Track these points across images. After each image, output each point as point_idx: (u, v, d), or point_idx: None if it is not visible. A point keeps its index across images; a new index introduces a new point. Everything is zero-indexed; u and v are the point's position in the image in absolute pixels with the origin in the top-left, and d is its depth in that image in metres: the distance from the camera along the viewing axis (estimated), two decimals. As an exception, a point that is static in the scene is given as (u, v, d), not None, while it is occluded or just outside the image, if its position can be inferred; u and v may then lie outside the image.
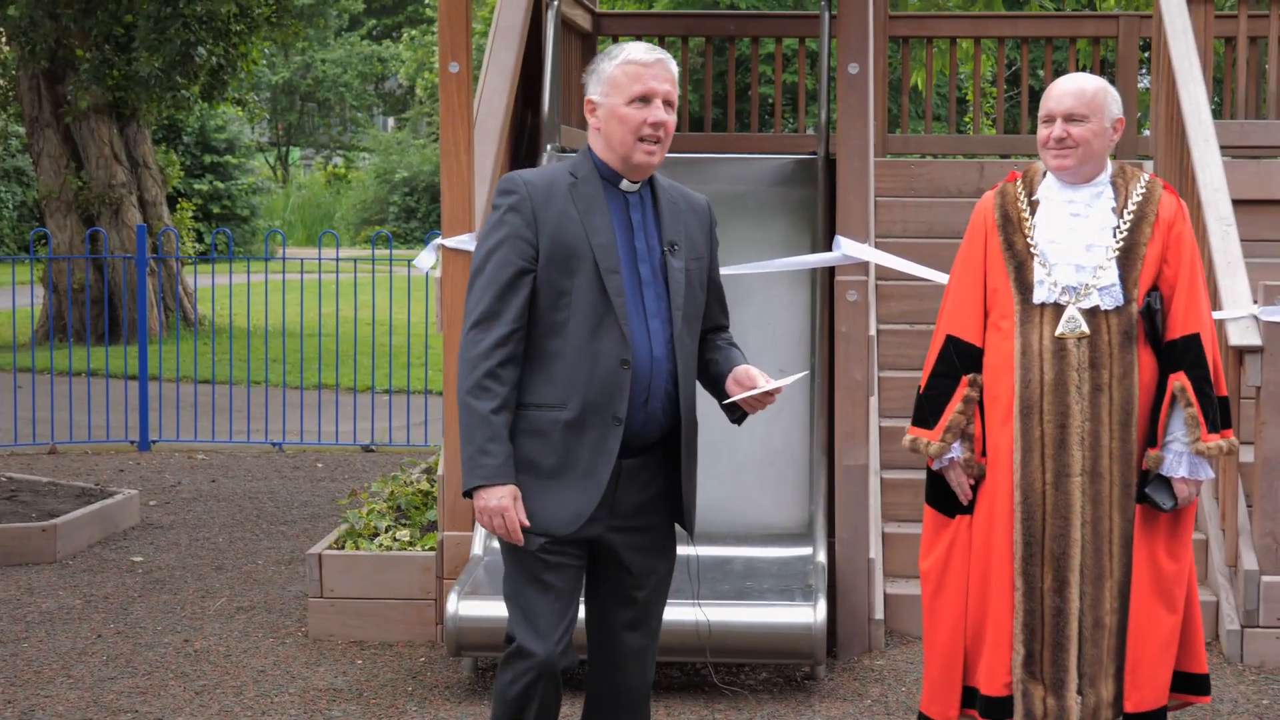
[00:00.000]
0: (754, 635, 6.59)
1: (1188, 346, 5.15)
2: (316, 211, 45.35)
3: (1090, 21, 11.77)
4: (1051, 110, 5.20)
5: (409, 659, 7.12)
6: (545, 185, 4.53)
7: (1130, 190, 5.26)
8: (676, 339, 4.55)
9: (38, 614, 7.85)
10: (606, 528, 4.56)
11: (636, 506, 4.61)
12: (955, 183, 10.06)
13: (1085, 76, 5.26)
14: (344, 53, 50.86)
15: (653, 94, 4.48)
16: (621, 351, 4.44)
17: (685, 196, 4.73)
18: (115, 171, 19.57)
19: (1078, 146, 5.18)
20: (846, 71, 7.41)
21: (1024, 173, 5.40)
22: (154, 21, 17.47)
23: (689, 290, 4.60)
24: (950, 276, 5.45)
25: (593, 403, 4.44)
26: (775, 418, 7.67)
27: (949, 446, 5.25)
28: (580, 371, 4.44)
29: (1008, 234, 5.28)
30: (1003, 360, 5.21)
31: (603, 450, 4.46)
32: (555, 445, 4.47)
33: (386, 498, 8.12)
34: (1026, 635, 5.19)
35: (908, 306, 8.99)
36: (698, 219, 4.71)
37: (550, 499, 4.48)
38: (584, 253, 4.45)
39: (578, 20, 10.38)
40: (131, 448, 12.83)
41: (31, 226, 31.42)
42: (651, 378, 4.52)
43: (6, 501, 9.56)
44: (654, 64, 4.50)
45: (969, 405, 5.26)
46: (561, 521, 4.48)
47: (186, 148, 34.74)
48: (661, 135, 4.51)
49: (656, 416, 4.55)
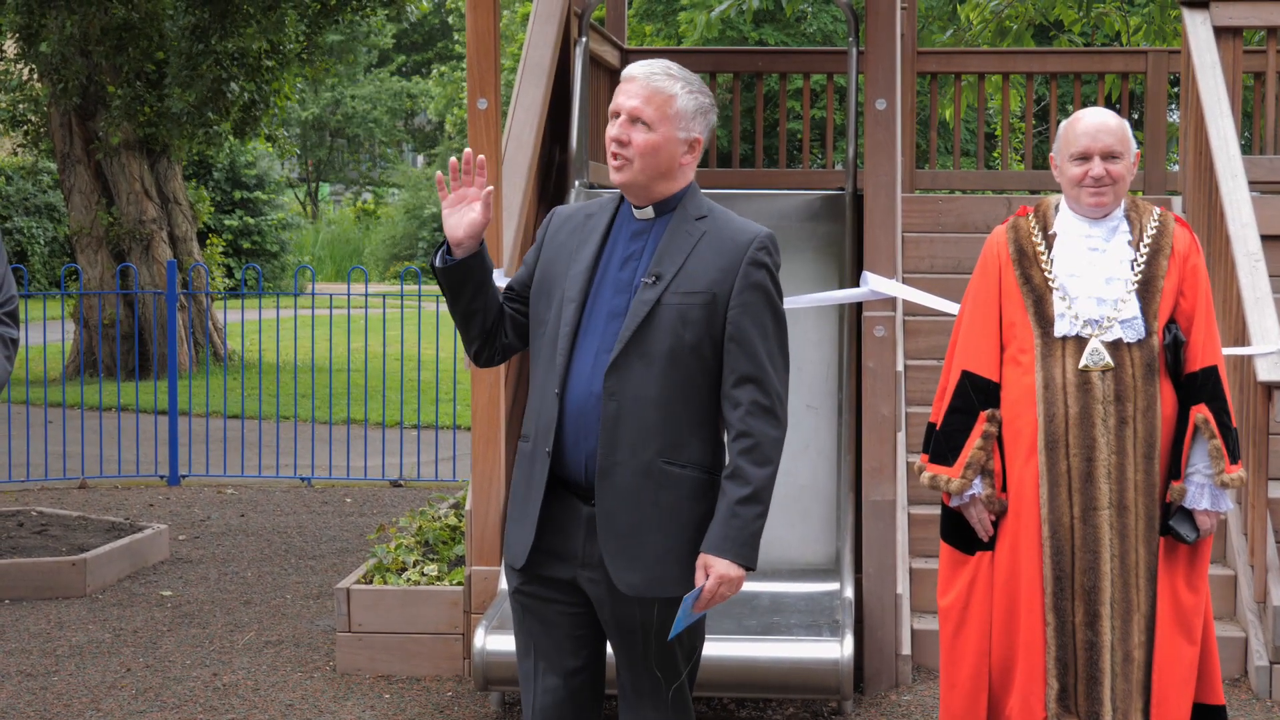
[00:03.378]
0: (781, 670, 6.58)
1: (1207, 378, 5.15)
2: (346, 247, 45.53)
3: (1119, 57, 11.77)
4: (1087, 148, 5.18)
5: (436, 693, 7.12)
6: (569, 216, 4.49)
7: (1144, 224, 5.26)
8: (615, 374, 4.21)
9: (68, 647, 7.87)
10: (583, 577, 4.30)
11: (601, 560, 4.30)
12: (983, 218, 10.06)
13: (1106, 112, 5.25)
14: (374, 89, 51.10)
15: (618, 110, 4.31)
16: (556, 381, 4.26)
17: (722, 229, 4.33)
18: (146, 207, 19.67)
19: (1115, 184, 5.19)
20: (874, 107, 7.42)
21: (1036, 207, 5.40)
22: (185, 58, 17.57)
23: (655, 324, 4.22)
24: (961, 311, 5.42)
25: (538, 434, 4.31)
26: (802, 453, 7.68)
27: (970, 483, 5.24)
28: (534, 401, 4.35)
29: (1024, 268, 5.27)
30: (1023, 394, 5.21)
31: (536, 481, 4.31)
32: (521, 475, 4.38)
33: (414, 533, 8.14)
34: (1060, 670, 5.18)
35: (935, 342, 8.99)
36: (722, 254, 4.28)
37: (514, 527, 4.39)
38: (561, 282, 4.35)
39: (606, 57, 10.42)
40: (161, 482, 12.87)
41: (63, 262, 31.58)
42: (584, 416, 4.25)
43: (37, 536, 9.60)
44: (630, 81, 4.33)
45: (988, 441, 5.25)
46: (515, 554, 4.37)
47: (217, 183, 34.93)
48: (618, 150, 4.29)
49: (580, 462, 4.27)
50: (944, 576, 5.38)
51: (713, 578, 4.17)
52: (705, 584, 4.17)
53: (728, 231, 4.32)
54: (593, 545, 4.28)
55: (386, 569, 7.63)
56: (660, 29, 24.72)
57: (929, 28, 17.73)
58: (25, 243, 32.39)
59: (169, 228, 20.08)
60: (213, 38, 17.55)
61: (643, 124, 4.27)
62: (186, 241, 20.35)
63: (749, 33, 27.95)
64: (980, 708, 5.29)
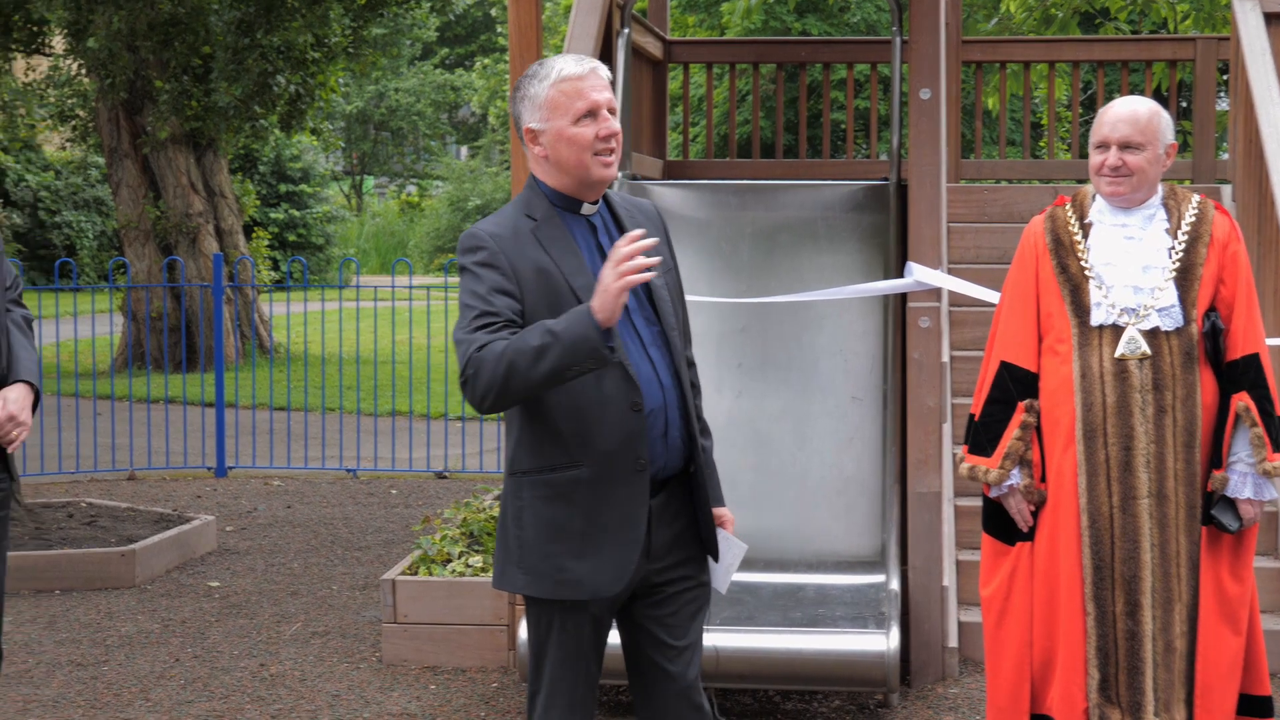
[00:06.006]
0: (827, 663, 6.57)
1: (1248, 366, 5.12)
2: (390, 239, 45.66)
3: (1167, 44, 11.70)
4: (1106, 137, 5.18)
5: (481, 684, 7.14)
6: (510, 235, 4.23)
7: (1183, 211, 5.24)
8: (677, 361, 4.31)
9: (117, 638, 7.92)
10: (646, 571, 4.31)
11: (671, 542, 4.35)
12: (1029, 208, 10.00)
13: (1139, 100, 5.23)
14: (417, 81, 51.24)
15: (597, 106, 4.21)
16: (630, 395, 4.17)
17: (637, 206, 4.48)
18: (192, 201, 19.76)
19: (1132, 175, 5.17)
20: (918, 97, 7.40)
21: (1073, 197, 5.38)
22: (232, 52, 17.64)
23: (674, 306, 4.37)
24: (1000, 302, 5.42)
25: (610, 453, 4.16)
26: (847, 445, 7.66)
27: (1008, 473, 5.23)
28: (590, 424, 4.16)
29: (1060, 258, 5.26)
30: (1061, 384, 5.19)
31: (633, 500, 4.19)
32: (580, 506, 4.19)
33: (459, 524, 8.16)
34: (1101, 660, 5.16)
35: (980, 333, 8.95)
36: (654, 226, 4.40)
37: (588, 562, 4.20)
38: (568, 298, 4.14)
39: (648, 48, 10.42)
40: (208, 474, 12.94)
41: (111, 256, 31.79)
42: (667, 410, 4.26)
43: (86, 527, 9.66)
44: (588, 74, 4.24)
45: (1026, 431, 5.24)
46: (604, 583, 4.20)
47: (262, 177, 35.09)
48: (614, 145, 4.24)
49: (677, 446, 4.30)
50: (985, 567, 5.38)
51: (731, 522, 4.50)
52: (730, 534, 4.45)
53: (640, 207, 4.49)
54: (665, 534, 4.32)
55: (432, 560, 7.65)
56: (703, 20, 24.68)
57: (973, 16, 17.66)
58: (74, 237, 32.63)
59: (215, 221, 20.17)
60: (258, 32, 17.62)
61: (614, 113, 4.29)
62: (232, 235, 20.44)
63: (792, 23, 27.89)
64: (1024, 698, 5.28)
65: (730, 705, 6.80)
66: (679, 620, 4.39)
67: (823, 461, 7.65)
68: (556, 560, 4.23)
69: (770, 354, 7.97)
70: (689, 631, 4.41)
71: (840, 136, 21.41)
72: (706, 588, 4.46)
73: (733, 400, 7.78)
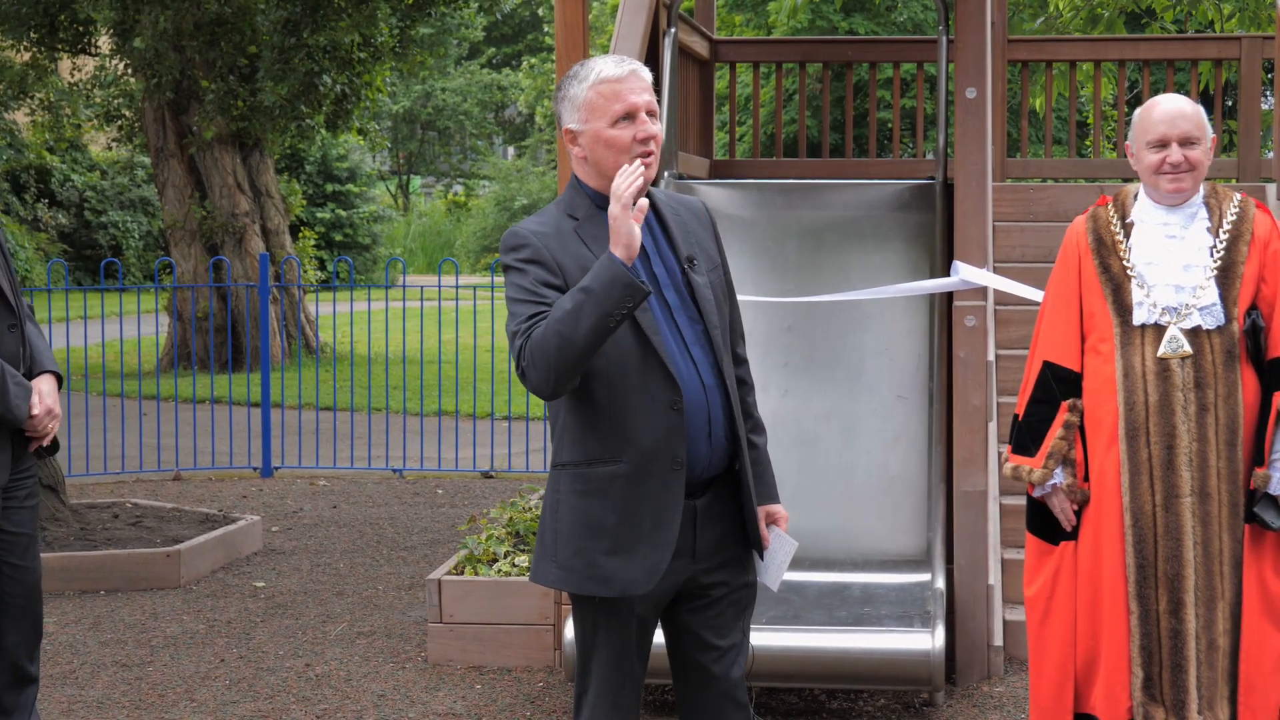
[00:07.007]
0: (872, 661, 6.55)
1: None
2: (437, 239, 45.82)
3: (1212, 43, 11.62)
4: (1164, 135, 5.14)
5: (527, 684, 7.15)
6: (553, 233, 4.22)
7: (1224, 210, 5.22)
8: (721, 360, 4.27)
9: (162, 638, 7.95)
10: (691, 572, 4.29)
11: (717, 542, 4.32)
12: (1075, 207, 9.93)
13: (1180, 98, 5.22)
14: (464, 81, 51.37)
15: (635, 109, 4.18)
16: (669, 393, 4.14)
17: (683, 203, 4.44)
18: (238, 201, 19.84)
19: (1194, 170, 5.15)
20: (964, 96, 7.38)
21: (1115, 196, 5.37)
22: (278, 52, 17.70)
23: (718, 304, 4.32)
24: (1043, 302, 5.42)
25: (649, 451, 4.15)
26: (893, 444, 7.65)
27: (1051, 473, 5.23)
28: (630, 420, 4.15)
29: (1102, 257, 5.24)
30: (1104, 384, 5.18)
31: (668, 499, 4.17)
32: (614, 501, 4.18)
33: (505, 524, 8.17)
34: (1144, 658, 5.14)
35: (1026, 332, 8.90)
36: (701, 224, 4.40)
37: (620, 557, 4.19)
38: None
39: (695, 47, 10.41)
40: (254, 474, 12.98)
41: (157, 255, 31.97)
42: (709, 409, 4.22)
43: (132, 527, 9.70)
44: (628, 77, 4.21)
45: (1070, 431, 5.23)
46: (637, 580, 4.19)
47: (309, 177, 35.24)
48: (653, 148, 4.20)
49: (721, 445, 4.26)
50: (1029, 567, 5.38)
51: (785, 519, 4.48)
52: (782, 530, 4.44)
53: (688, 205, 4.45)
54: (710, 534, 4.30)
55: (478, 560, 7.66)
56: (749, 19, 24.65)
57: (1019, 15, 17.60)
58: (120, 237, 32.84)
59: (261, 221, 20.25)
60: (305, 31, 17.68)
61: (654, 116, 4.25)
62: (279, 234, 20.50)
63: (839, 22, 27.87)
64: (1067, 697, 5.27)
65: (776, 704, 6.79)
66: (723, 621, 4.39)
67: (868, 460, 7.63)
68: (588, 556, 4.22)
69: (816, 353, 7.96)
70: (733, 632, 4.40)
71: (886, 136, 21.36)
72: (752, 588, 4.45)
73: (779, 399, 7.77)
